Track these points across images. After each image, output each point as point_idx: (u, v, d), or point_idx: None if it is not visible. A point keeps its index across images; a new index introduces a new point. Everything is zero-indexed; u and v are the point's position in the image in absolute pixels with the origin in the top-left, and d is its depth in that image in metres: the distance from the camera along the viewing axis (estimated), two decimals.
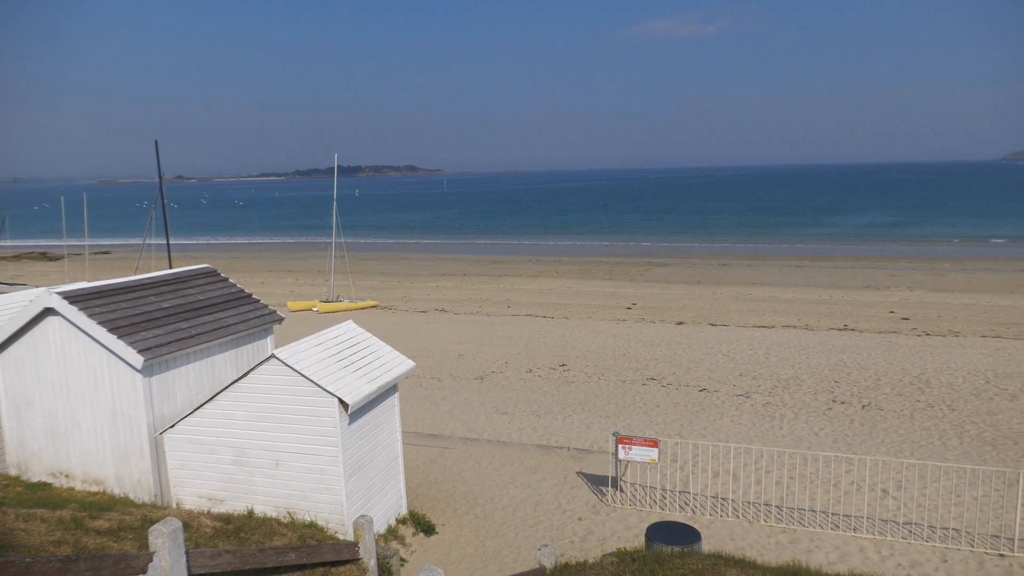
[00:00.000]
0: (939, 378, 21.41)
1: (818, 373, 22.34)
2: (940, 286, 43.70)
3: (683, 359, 24.59)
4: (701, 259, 62.74)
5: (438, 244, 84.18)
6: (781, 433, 16.90)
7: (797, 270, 53.98)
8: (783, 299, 39.10)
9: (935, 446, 15.83)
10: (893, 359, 23.99)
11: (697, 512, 12.27)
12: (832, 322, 31.74)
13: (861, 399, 19.52)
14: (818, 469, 13.76)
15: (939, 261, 57.62)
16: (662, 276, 51.44)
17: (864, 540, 11.13)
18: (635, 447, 12.34)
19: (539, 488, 13.53)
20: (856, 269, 53.69)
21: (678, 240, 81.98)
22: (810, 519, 11.95)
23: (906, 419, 17.72)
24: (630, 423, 17.69)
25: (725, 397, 19.98)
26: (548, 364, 24.25)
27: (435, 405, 19.57)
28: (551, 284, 46.90)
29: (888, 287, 43.54)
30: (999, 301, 37.14)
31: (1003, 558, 10.51)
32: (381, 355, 11.84)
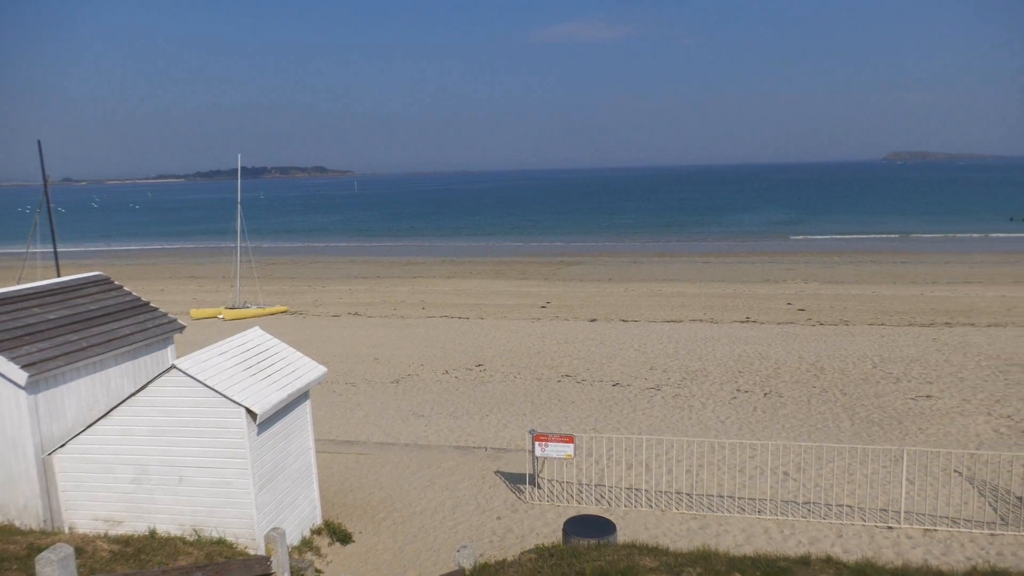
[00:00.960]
0: (832, 365, 22.77)
1: (723, 364, 23.31)
2: (832, 278, 46.51)
3: (596, 355, 25.10)
4: (612, 257, 64.28)
5: (350, 246, 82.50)
6: (690, 423, 17.54)
7: (703, 266, 56.17)
8: (690, 294, 40.58)
9: (829, 429, 16.83)
10: (791, 348, 25.33)
11: (613, 504, 12.56)
12: (735, 315, 33.20)
13: (763, 387, 20.51)
14: (725, 456, 14.36)
15: (830, 255, 61.34)
16: (575, 274, 52.35)
17: (768, 521, 11.70)
18: (551, 444, 12.50)
19: (457, 489, 13.49)
20: (756, 264, 56.39)
21: (590, 239, 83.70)
22: (718, 504, 12.46)
23: (803, 404, 18.76)
24: (546, 420, 17.90)
25: (637, 391, 20.54)
26: (464, 365, 24.21)
27: (350, 411, 19.17)
28: (466, 284, 46.86)
29: (785, 280, 45.96)
30: (883, 291, 39.90)
31: (891, 530, 11.30)
32: (291, 362, 11.49)
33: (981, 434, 16.10)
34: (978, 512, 12.10)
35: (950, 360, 22.87)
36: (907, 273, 48.21)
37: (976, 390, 19.47)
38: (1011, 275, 45.72)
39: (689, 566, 7.09)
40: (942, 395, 19.16)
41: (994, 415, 17.36)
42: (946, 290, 39.72)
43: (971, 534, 11.08)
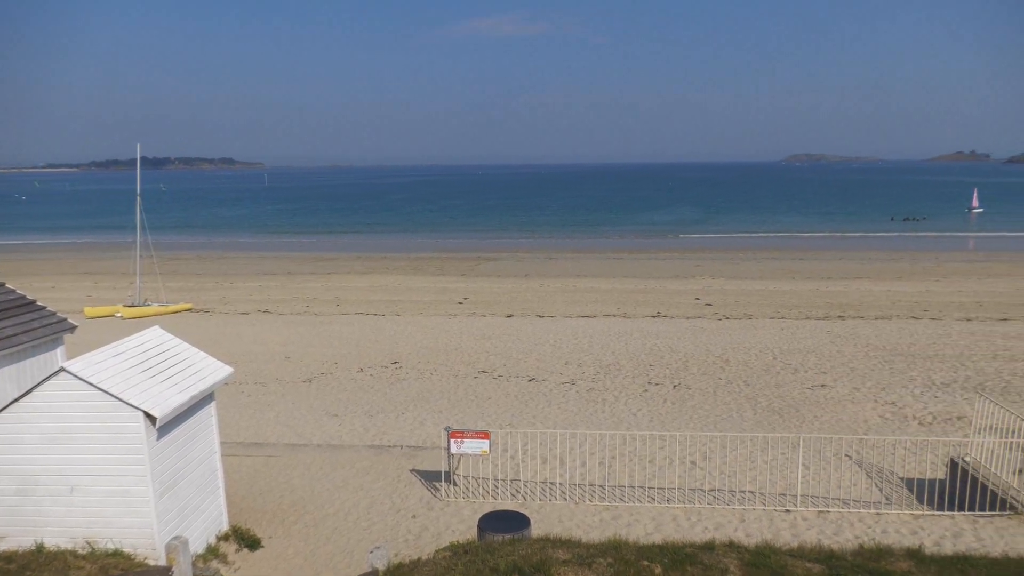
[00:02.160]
0: (736, 357, 23.82)
1: (635, 358, 23.96)
2: (736, 274, 48.64)
3: (513, 351, 25.29)
4: (529, 253, 64.88)
5: (259, 241, 79.74)
6: (603, 416, 17.95)
7: (616, 262, 57.54)
8: (604, 289, 41.50)
9: (734, 418, 17.61)
10: (699, 342, 26.32)
11: (528, 499, 12.70)
12: (647, 310, 34.20)
13: (672, 380, 21.23)
14: (636, 447, 14.78)
15: (735, 252, 64.10)
16: (492, 270, 52.55)
17: (676, 509, 12.13)
18: (467, 440, 12.51)
19: (372, 489, 13.29)
20: (666, 260, 58.26)
21: (507, 235, 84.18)
22: (630, 495, 12.82)
23: (710, 395, 19.54)
24: (463, 417, 17.90)
25: (552, 385, 20.84)
26: (380, 362, 23.87)
27: (259, 412, 18.55)
28: (382, 281, 46.20)
29: (694, 276, 47.70)
30: (783, 287, 42.07)
31: (789, 513, 11.95)
32: (194, 362, 10.99)
33: (869, 420, 17.25)
34: (866, 493, 12.96)
35: (842, 351, 24.36)
36: (804, 269, 51.00)
37: (865, 379, 20.83)
38: (895, 271, 49.16)
39: (600, 557, 7.26)
40: (835, 384, 20.39)
41: (880, 402, 18.63)
42: (839, 285, 42.28)
43: (859, 514, 11.86)
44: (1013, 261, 55.86)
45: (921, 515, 11.79)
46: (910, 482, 13.47)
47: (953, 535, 10.93)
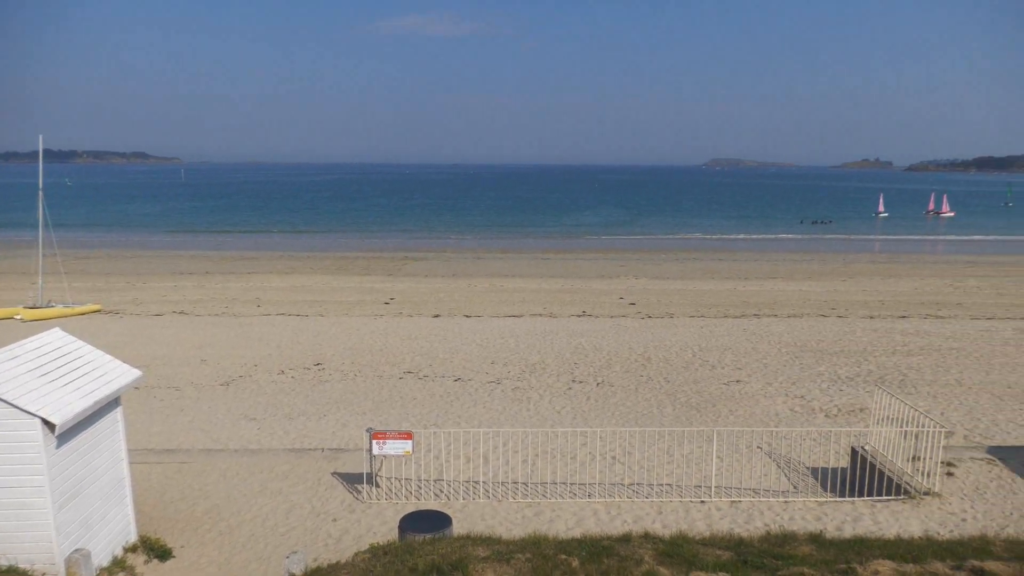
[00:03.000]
0: (657, 354, 24.48)
1: (561, 356, 24.28)
2: (659, 274, 49.99)
3: (439, 351, 25.19)
4: (457, 253, 64.77)
5: (175, 240, 76.56)
6: (528, 414, 18.11)
7: (543, 262, 58.14)
8: (531, 289, 41.86)
9: (654, 414, 18.10)
10: (622, 340, 26.91)
11: (451, 498, 12.69)
12: (572, 309, 34.70)
13: (596, 377, 21.62)
14: (559, 444, 14.99)
15: (658, 253, 65.87)
16: (419, 270, 52.18)
17: (597, 504, 12.38)
18: (389, 441, 12.39)
19: (291, 494, 12.99)
20: (592, 261, 59.29)
21: (435, 235, 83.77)
22: (552, 491, 12.99)
23: (632, 392, 20.01)
24: (387, 418, 17.71)
25: (478, 385, 20.87)
26: (302, 364, 23.33)
27: (172, 417, 17.81)
28: (305, 281, 45.14)
29: (618, 276, 48.73)
30: (702, 286, 43.51)
31: (704, 504, 12.39)
32: (98, 365, 10.46)
33: (780, 413, 18.06)
34: (776, 482, 13.57)
35: (757, 348, 25.39)
36: (723, 270, 52.90)
37: (777, 374, 21.79)
38: (806, 272, 51.62)
39: (519, 552, 7.34)
40: (750, 380, 21.23)
41: (790, 396, 19.54)
42: (755, 285, 44.06)
43: (769, 502, 12.41)
44: (912, 262, 59.58)
45: (825, 502, 12.44)
46: (816, 471, 14.19)
47: (853, 519, 11.59)
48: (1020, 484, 13.05)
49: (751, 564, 7.34)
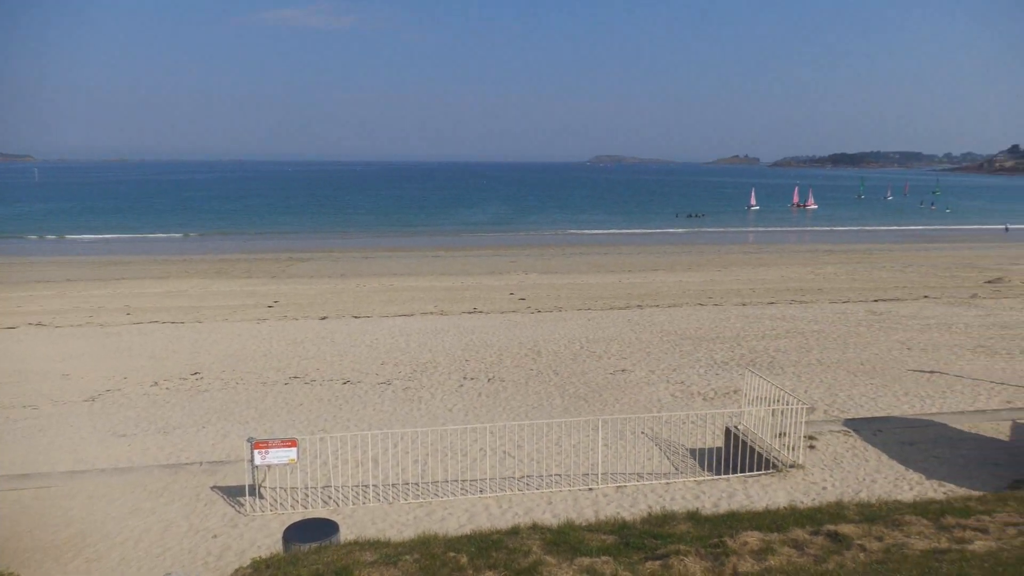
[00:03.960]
0: (547, 348, 24.96)
1: (452, 354, 24.26)
2: (548, 269, 50.99)
3: (327, 353, 24.52)
4: (344, 253, 63.28)
5: (29, 245, 70.17)
6: (420, 414, 17.98)
7: (433, 260, 57.88)
8: (421, 287, 41.56)
9: (544, 406, 18.45)
10: (513, 335, 27.23)
11: (340, 504, 12.40)
12: (463, 306, 34.76)
13: (487, 373, 21.77)
14: (451, 442, 14.98)
15: (546, 248, 67.18)
16: (305, 271, 50.57)
17: (489, 499, 12.48)
18: (272, 450, 11.93)
19: (167, 512, 12.24)
20: (482, 257, 59.63)
21: (320, 234, 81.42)
22: (444, 489, 12.97)
23: (522, 386, 20.30)
24: (272, 426, 17.05)
25: (368, 387, 20.49)
26: (178, 374, 22.02)
27: (29, 438, 16.33)
28: (181, 285, 42.64)
29: (508, 272, 49.27)
30: (589, 280, 44.79)
31: (591, 491, 12.77)
32: None
33: (662, 399, 18.89)
34: (659, 466, 14.20)
35: (640, 337, 26.42)
36: (608, 263, 54.70)
37: (659, 362, 22.77)
38: (685, 263, 54.27)
39: (407, 554, 7.27)
40: (634, 368, 22.06)
41: (671, 382, 20.48)
42: (638, 277, 45.85)
43: (652, 485, 12.97)
44: (779, 252, 64.01)
45: (703, 480, 13.15)
46: (695, 452, 14.96)
47: (728, 495, 12.32)
48: (871, 452, 14.33)
49: (632, 546, 7.65)
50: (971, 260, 55.11)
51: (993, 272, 46.34)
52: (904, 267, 50.45)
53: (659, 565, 6.60)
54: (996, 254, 60.41)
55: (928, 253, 61.72)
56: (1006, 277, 43.10)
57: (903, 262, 53.91)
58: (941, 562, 5.73)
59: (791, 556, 6.72)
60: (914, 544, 6.94)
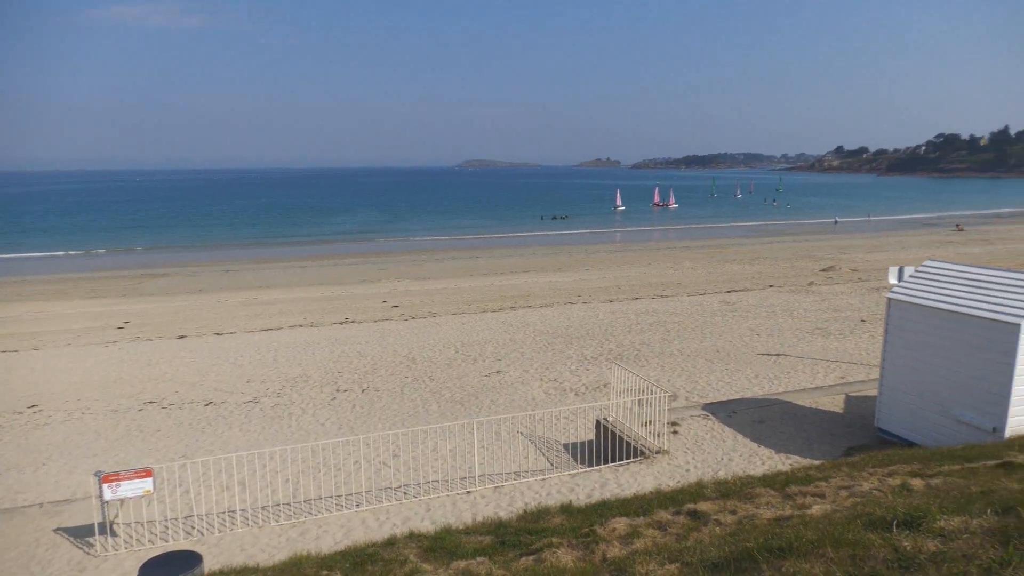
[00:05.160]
0: (422, 354, 24.79)
1: (323, 367, 23.52)
2: (420, 275, 50.67)
3: (187, 374, 23.03)
4: (203, 267, 59.72)
5: None
6: (291, 431, 17.29)
7: (301, 270, 55.89)
8: (289, 300, 40.00)
9: (420, 413, 18.31)
10: (387, 344, 26.81)
11: (205, 533, 11.67)
12: (335, 317, 33.82)
13: (361, 384, 21.30)
14: (324, 458, 14.52)
15: (418, 254, 66.74)
16: (160, 288, 47.23)
17: (366, 512, 12.20)
18: (124, 482, 11.02)
19: (1, 563, 10.98)
20: (353, 265, 58.31)
21: (175, 248, 76.37)
22: (318, 507, 12.55)
23: (397, 395, 20.04)
24: (126, 456, 15.76)
25: (233, 407, 19.44)
26: (11, 408, 19.86)
27: None
28: (12, 311, 38.51)
29: (380, 280, 48.52)
30: (462, 284, 44.96)
31: (469, 494, 12.81)
32: None
33: (536, 397, 19.30)
34: (535, 463, 14.49)
35: (514, 338, 26.86)
36: (480, 266, 55.17)
37: (532, 361, 23.25)
38: (555, 264, 55.80)
39: None
40: (509, 369, 22.38)
41: (545, 380, 20.97)
42: (510, 279, 46.59)
43: (529, 483, 13.21)
44: (643, 250, 67.29)
45: (576, 473, 13.56)
46: (569, 446, 15.41)
47: (600, 485, 12.78)
48: (728, 433, 15.38)
49: (508, 544, 7.76)
50: (808, 251, 60.56)
51: (827, 261, 51.18)
52: (752, 260, 54.59)
53: (532, 560, 6.74)
54: (828, 245, 66.76)
55: (772, 246, 67.17)
56: (837, 265, 47.74)
57: (751, 255, 58.32)
58: (784, 527, 6.25)
59: (655, 537, 7.08)
60: (763, 514, 7.52)
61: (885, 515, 5.78)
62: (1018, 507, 5.41)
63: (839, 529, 5.53)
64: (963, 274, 13.57)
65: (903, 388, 13.85)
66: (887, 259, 50.37)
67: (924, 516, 5.48)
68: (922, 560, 4.56)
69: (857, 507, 6.96)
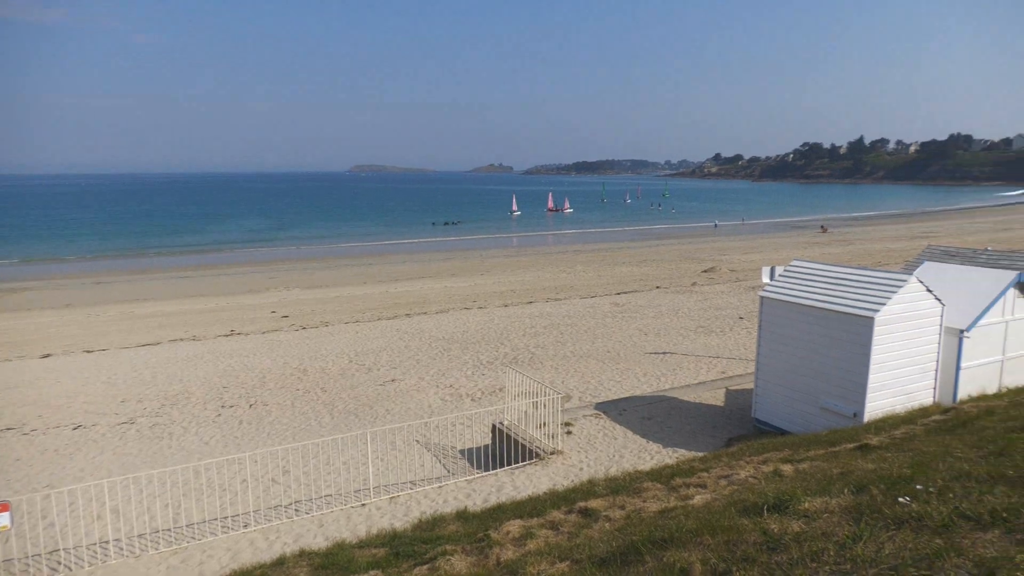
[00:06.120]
0: (314, 365, 24.07)
1: (207, 382, 22.37)
2: (312, 283, 49.19)
3: (52, 396, 21.25)
4: (70, 279, 55.35)
5: None
6: (171, 452, 16.31)
7: (182, 281, 52.91)
8: (169, 312, 37.78)
9: (312, 426, 17.77)
10: (276, 355, 25.84)
11: (73, 568, 10.79)
12: (219, 329, 32.24)
13: (248, 399, 20.41)
14: (208, 478, 13.80)
15: (309, 261, 64.78)
16: (18, 304, 43.33)
17: (254, 533, 11.69)
18: None
19: None
20: (239, 275, 55.82)
21: (37, 260, 70.32)
22: (202, 531, 11.90)
23: (288, 408, 19.35)
24: None
25: (106, 429, 18.12)
26: None
27: None
28: None
29: (269, 289, 46.70)
30: (356, 291, 44.05)
31: (364, 506, 12.55)
32: None
33: (432, 404, 19.18)
34: (431, 471, 14.39)
35: (409, 345, 26.59)
36: (374, 273, 54.25)
37: (428, 368, 23.09)
38: (451, 269, 55.71)
39: None
40: (404, 377, 22.13)
41: (441, 387, 20.88)
42: (405, 286, 46.09)
43: (425, 491, 13.10)
44: (537, 254, 68.37)
45: (473, 479, 13.58)
46: (466, 452, 15.42)
47: (497, 489, 12.86)
48: (619, 431, 15.89)
49: (403, 555, 7.67)
50: (691, 253, 63.65)
51: (708, 263, 53.98)
52: (640, 262, 56.74)
53: (427, 569, 6.70)
54: (709, 247, 70.46)
55: (659, 249, 70.12)
56: (717, 267, 50.46)
57: (639, 258, 60.61)
58: (668, 519, 6.54)
59: (548, 537, 7.21)
60: (649, 507, 7.83)
61: (757, 500, 6.17)
62: (870, 486, 5.92)
63: (716, 517, 5.84)
64: (826, 272, 14.69)
65: (776, 380, 14.82)
66: (762, 259, 53.72)
67: (791, 499, 5.89)
68: (787, 540, 4.91)
69: (734, 495, 7.38)
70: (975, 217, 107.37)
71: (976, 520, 4.71)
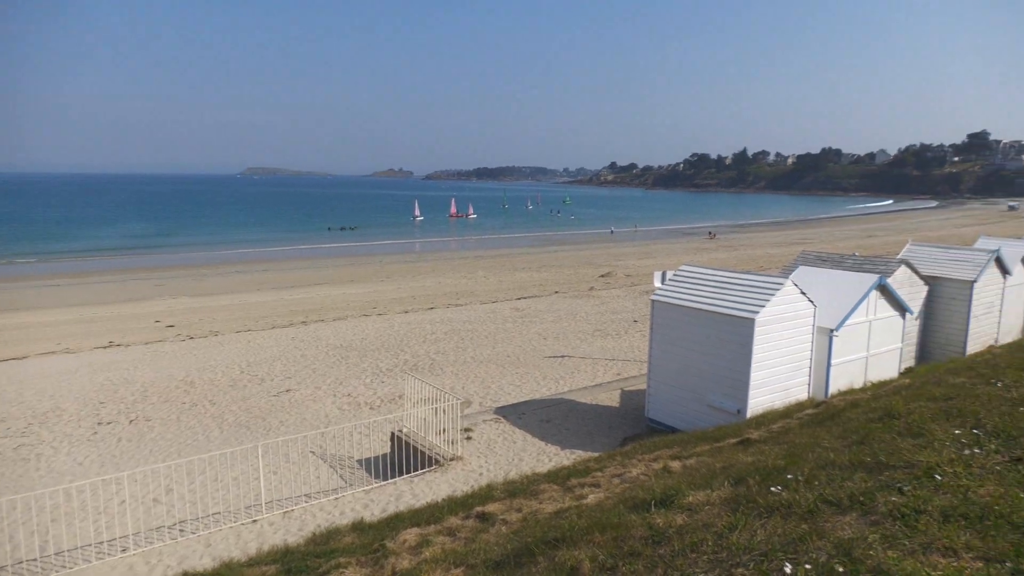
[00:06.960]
0: (202, 377, 22.90)
1: (82, 398, 20.82)
2: (201, 291, 46.80)
3: None
4: None
5: None
6: (39, 475, 15.06)
7: (53, 290, 49.02)
8: (37, 323, 34.90)
9: (200, 441, 16.89)
10: (160, 367, 24.40)
11: None
12: (96, 340, 30.11)
13: (128, 414, 19.16)
14: (81, 501, 12.84)
15: (198, 268, 61.59)
16: None
17: (134, 557, 10.97)
18: None
19: None
20: (119, 282, 52.36)
21: None
22: (74, 559, 11.05)
23: (173, 423, 18.31)
24: None
25: None
26: None
27: None
28: None
29: (153, 297, 44.03)
30: (249, 299, 42.28)
31: (256, 523, 12.05)
32: None
33: (329, 414, 18.69)
34: (328, 483, 14.01)
35: (305, 354, 25.79)
36: (269, 280, 52.29)
37: (325, 377, 22.49)
38: (349, 275, 54.54)
39: None
40: (299, 387, 21.45)
41: (339, 395, 20.39)
42: (301, 293, 44.69)
43: (321, 504, 12.74)
44: (438, 260, 68.04)
45: (372, 488, 13.33)
46: (364, 461, 15.12)
47: (396, 498, 12.68)
48: (519, 434, 16.06)
49: (295, 571, 7.43)
50: (589, 259, 65.31)
51: (605, 268, 55.56)
52: (540, 268, 57.64)
53: None
54: (606, 253, 72.54)
55: (557, 254, 71.49)
56: (613, 272, 52.04)
57: (539, 263, 61.56)
58: (562, 519, 6.67)
59: (445, 544, 7.19)
60: (545, 508, 7.96)
61: (646, 497, 6.41)
62: (748, 477, 6.28)
63: (606, 515, 6.02)
64: (712, 276, 15.47)
65: (666, 380, 15.45)
66: (655, 264, 55.86)
67: (676, 494, 6.16)
68: (671, 533, 5.13)
69: (625, 492, 7.63)
70: (844, 225, 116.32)
71: (837, 505, 5.10)
